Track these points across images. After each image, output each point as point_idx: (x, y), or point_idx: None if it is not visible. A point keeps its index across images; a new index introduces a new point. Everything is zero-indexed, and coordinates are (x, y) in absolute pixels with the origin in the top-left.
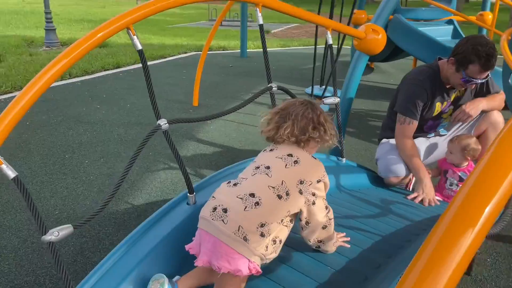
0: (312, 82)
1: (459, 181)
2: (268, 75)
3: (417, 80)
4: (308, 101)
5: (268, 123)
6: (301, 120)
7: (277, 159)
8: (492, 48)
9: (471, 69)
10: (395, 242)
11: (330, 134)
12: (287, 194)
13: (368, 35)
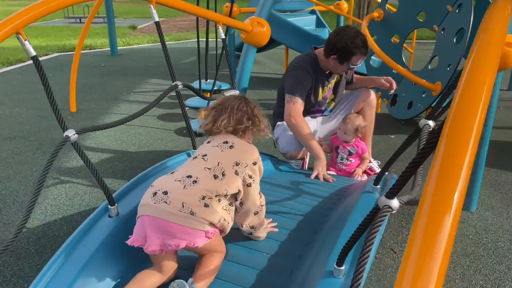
0: (199, 77)
1: (349, 155)
2: (172, 73)
3: (302, 66)
4: (242, 96)
5: (205, 118)
6: (236, 112)
7: (214, 147)
8: (362, 35)
9: (355, 59)
10: (315, 218)
11: (264, 125)
12: (223, 174)
13: (254, 28)
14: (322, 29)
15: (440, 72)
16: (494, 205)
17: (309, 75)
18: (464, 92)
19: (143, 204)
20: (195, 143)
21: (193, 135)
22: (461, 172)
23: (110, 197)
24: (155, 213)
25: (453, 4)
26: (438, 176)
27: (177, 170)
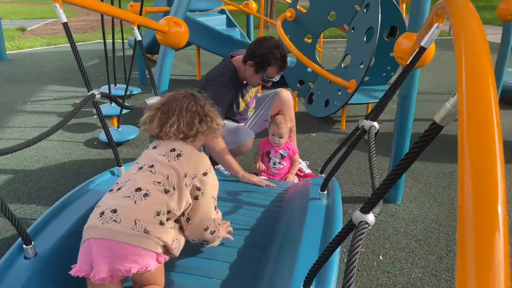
0: (108, 82)
1: (281, 158)
2: (86, 81)
3: (222, 82)
4: (189, 93)
5: (150, 120)
6: (185, 114)
7: (160, 157)
8: (284, 50)
9: (270, 70)
10: (262, 231)
11: (216, 123)
12: (174, 188)
13: (171, 28)
14: (233, 29)
15: (354, 70)
16: (416, 196)
17: (228, 91)
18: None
19: (89, 227)
20: (120, 160)
21: (117, 152)
22: (497, 182)
23: (25, 234)
24: (103, 234)
25: (361, 4)
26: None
27: (122, 185)
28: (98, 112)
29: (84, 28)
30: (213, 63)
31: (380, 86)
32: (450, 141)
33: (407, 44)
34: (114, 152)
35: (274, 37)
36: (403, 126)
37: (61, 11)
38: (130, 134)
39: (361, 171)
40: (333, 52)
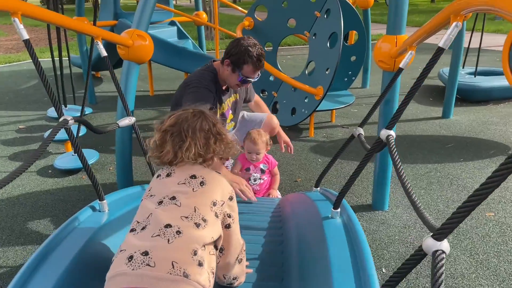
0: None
1: (261, 173)
2: (56, 105)
3: (203, 84)
4: (198, 111)
5: (158, 145)
6: (199, 135)
7: (181, 186)
8: (261, 49)
9: (246, 69)
10: (274, 260)
11: (230, 141)
12: (205, 220)
13: (135, 41)
14: (185, 41)
15: (319, 77)
16: (401, 201)
17: (211, 94)
18: None
19: (116, 275)
20: (101, 193)
21: (97, 184)
22: None
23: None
24: (137, 282)
25: (321, 10)
26: None
27: (146, 223)
28: (72, 141)
29: (17, 47)
30: (166, 76)
31: (342, 91)
32: (419, 141)
33: (387, 47)
34: (94, 185)
35: (251, 37)
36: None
37: (21, 26)
38: (89, 158)
39: (341, 178)
40: (283, 60)
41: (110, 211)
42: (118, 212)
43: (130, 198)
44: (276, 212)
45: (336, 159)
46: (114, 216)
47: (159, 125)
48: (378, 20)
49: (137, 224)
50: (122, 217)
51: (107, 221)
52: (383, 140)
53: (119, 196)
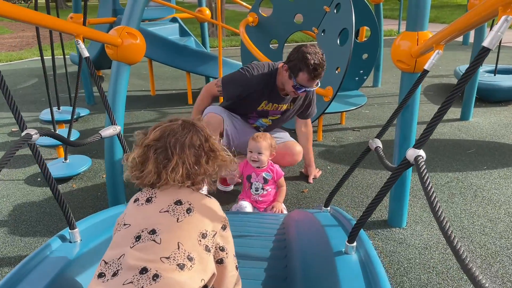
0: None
1: (264, 183)
2: (19, 120)
3: (250, 72)
4: (187, 122)
5: (139, 163)
6: (189, 152)
7: (163, 215)
8: (321, 59)
9: (301, 76)
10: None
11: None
12: (191, 259)
13: (125, 40)
14: (188, 38)
15: (328, 76)
16: (420, 216)
17: (252, 84)
18: None
19: None
20: (72, 221)
21: (67, 209)
22: None
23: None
24: None
25: (330, 4)
26: None
27: (117, 267)
28: (37, 158)
29: (20, 45)
30: (168, 75)
31: (353, 92)
32: (437, 146)
33: (407, 45)
34: (62, 209)
35: (315, 46)
36: (405, 138)
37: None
38: (80, 165)
39: (352, 189)
40: None
41: (83, 242)
42: (93, 242)
43: (108, 224)
44: (280, 234)
45: (349, 175)
46: (87, 247)
47: (142, 138)
48: (388, 15)
49: (105, 266)
50: (97, 249)
51: (78, 254)
52: (411, 161)
53: (94, 221)
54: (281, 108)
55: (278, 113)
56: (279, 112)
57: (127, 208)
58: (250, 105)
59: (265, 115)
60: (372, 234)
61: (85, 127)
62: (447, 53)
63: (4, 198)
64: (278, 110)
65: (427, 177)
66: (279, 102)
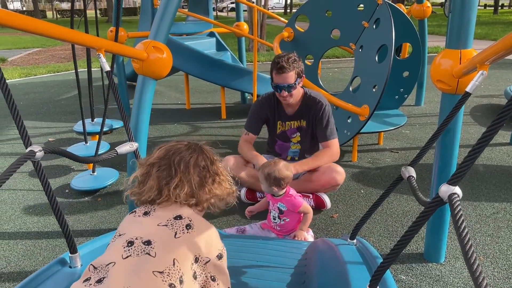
0: (82, 117)
1: (280, 213)
2: (23, 135)
3: (260, 97)
4: (194, 144)
5: (140, 181)
6: (193, 171)
7: (160, 228)
8: (285, 55)
9: (274, 75)
10: None
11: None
12: (181, 281)
13: (151, 54)
14: (224, 53)
15: (365, 94)
16: (459, 251)
17: (261, 106)
18: None
19: None
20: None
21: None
22: None
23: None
24: None
25: (369, 20)
26: None
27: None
28: (40, 177)
29: (69, 57)
30: (204, 89)
31: (392, 111)
32: (483, 172)
33: (448, 64)
34: (64, 233)
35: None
36: (445, 165)
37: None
38: (108, 178)
39: (386, 216)
40: (329, 73)
41: (84, 267)
42: None
43: None
44: (300, 266)
45: (378, 206)
46: None
47: (146, 158)
48: (436, 31)
49: (93, 270)
50: None
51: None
52: (444, 199)
53: (98, 245)
54: (294, 126)
55: (295, 131)
56: (296, 130)
57: (123, 220)
58: (272, 132)
59: (287, 139)
60: (405, 269)
61: (117, 139)
62: (497, 72)
63: (31, 209)
64: (293, 128)
65: (462, 220)
66: (289, 119)
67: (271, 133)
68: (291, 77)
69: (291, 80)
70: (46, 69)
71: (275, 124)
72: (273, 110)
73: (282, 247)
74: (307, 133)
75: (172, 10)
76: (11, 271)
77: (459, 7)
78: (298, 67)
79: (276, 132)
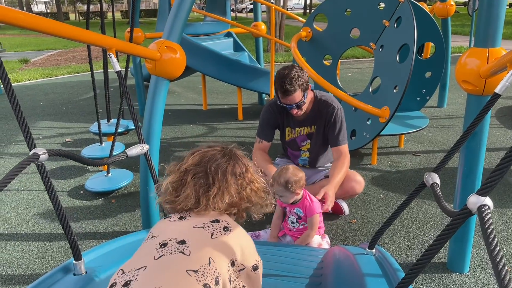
0: (98, 117)
1: (298, 218)
2: (27, 137)
3: (268, 104)
4: (227, 149)
5: (174, 189)
6: (231, 180)
7: (197, 229)
8: (285, 74)
9: (279, 97)
10: None
11: (265, 193)
12: (217, 283)
13: (163, 54)
14: (241, 53)
15: (386, 95)
16: (487, 260)
17: (270, 112)
18: None
19: None
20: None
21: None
22: None
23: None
24: None
25: (390, 18)
26: None
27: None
28: (44, 180)
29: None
30: (222, 90)
31: (414, 112)
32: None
33: (475, 64)
34: (68, 239)
35: (293, 65)
36: (470, 171)
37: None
38: (122, 180)
39: (407, 222)
40: (348, 73)
41: (88, 275)
42: (99, 276)
43: (119, 255)
44: (316, 276)
45: (399, 214)
46: (92, 282)
47: (177, 165)
48: (459, 31)
49: (121, 275)
50: (103, 284)
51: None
52: (473, 211)
53: (104, 252)
54: (303, 132)
55: (304, 138)
56: (305, 137)
57: (156, 224)
58: (282, 139)
59: (297, 147)
60: (427, 279)
61: (133, 140)
62: None
63: (45, 211)
64: (302, 135)
65: (493, 235)
66: (298, 126)
67: (282, 140)
68: (298, 97)
69: (298, 99)
70: (67, 70)
71: (284, 130)
72: (282, 116)
73: (297, 255)
74: (317, 141)
75: (185, 9)
76: (22, 273)
77: (486, 3)
78: (303, 82)
79: (285, 139)
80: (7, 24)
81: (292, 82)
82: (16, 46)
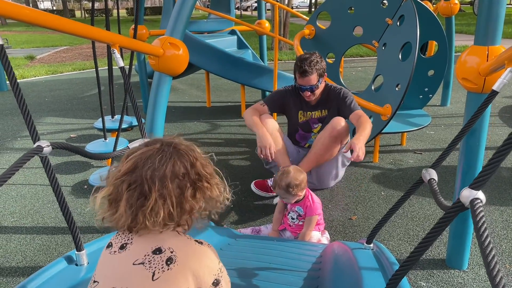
0: (102, 113)
1: (298, 216)
2: (32, 130)
3: (285, 86)
4: (167, 143)
5: (109, 203)
6: (172, 185)
7: (137, 267)
8: (307, 56)
9: (297, 77)
10: None
11: (217, 188)
12: None
13: (167, 51)
14: (245, 51)
15: (387, 93)
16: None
17: (285, 92)
18: None
19: None
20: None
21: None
22: None
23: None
24: None
25: (393, 17)
26: None
27: None
28: (48, 173)
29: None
30: (225, 87)
31: (416, 111)
32: (510, 176)
33: (475, 62)
34: (70, 228)
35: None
36: (469, 167)
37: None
38: None
39: (407, 219)
40: (352, 72)
41: (90, 265)
42: None
43: None
44: (314, 270)
45: (396, 210)
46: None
47: (113, 173)
48: (464, 30)
49: None
50: None
51: (82, 278)
52: (466, 204)
53: (103, 244)
54: (316, 116)
55: (316, 121)
56: (317, 120)
57: (100, 256)
58: (293, 120)
59: (309, 129)
60: (426, 275)
61: (137, 136)
62: None
63: (49, 205)
64: (314, 118)
65: (484, 228)
66: (311, 110)
67: (292, 122)
68: (313, 79)
69: (313, 82)
70: (72, 66)
71: (297, 113)
72: (296, 100)
73: (297, 249)
74: (326, 120)
75: (188, 6)
76: (27, 265)
77: (487, 1)
78: (320, 68)
79: (298, 121)
80: (14, 20)
81: (311, 65)
82: (22, 43)
